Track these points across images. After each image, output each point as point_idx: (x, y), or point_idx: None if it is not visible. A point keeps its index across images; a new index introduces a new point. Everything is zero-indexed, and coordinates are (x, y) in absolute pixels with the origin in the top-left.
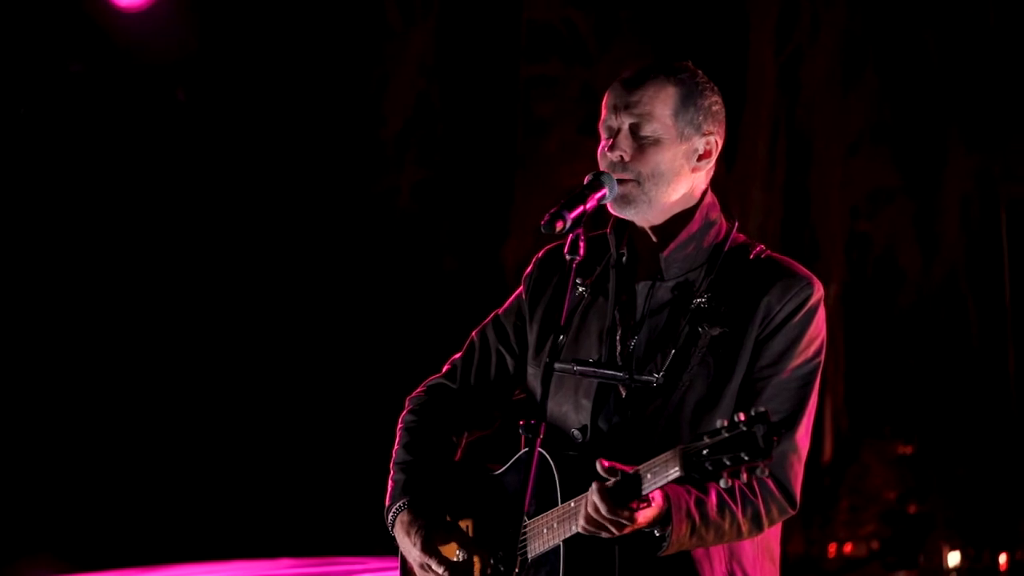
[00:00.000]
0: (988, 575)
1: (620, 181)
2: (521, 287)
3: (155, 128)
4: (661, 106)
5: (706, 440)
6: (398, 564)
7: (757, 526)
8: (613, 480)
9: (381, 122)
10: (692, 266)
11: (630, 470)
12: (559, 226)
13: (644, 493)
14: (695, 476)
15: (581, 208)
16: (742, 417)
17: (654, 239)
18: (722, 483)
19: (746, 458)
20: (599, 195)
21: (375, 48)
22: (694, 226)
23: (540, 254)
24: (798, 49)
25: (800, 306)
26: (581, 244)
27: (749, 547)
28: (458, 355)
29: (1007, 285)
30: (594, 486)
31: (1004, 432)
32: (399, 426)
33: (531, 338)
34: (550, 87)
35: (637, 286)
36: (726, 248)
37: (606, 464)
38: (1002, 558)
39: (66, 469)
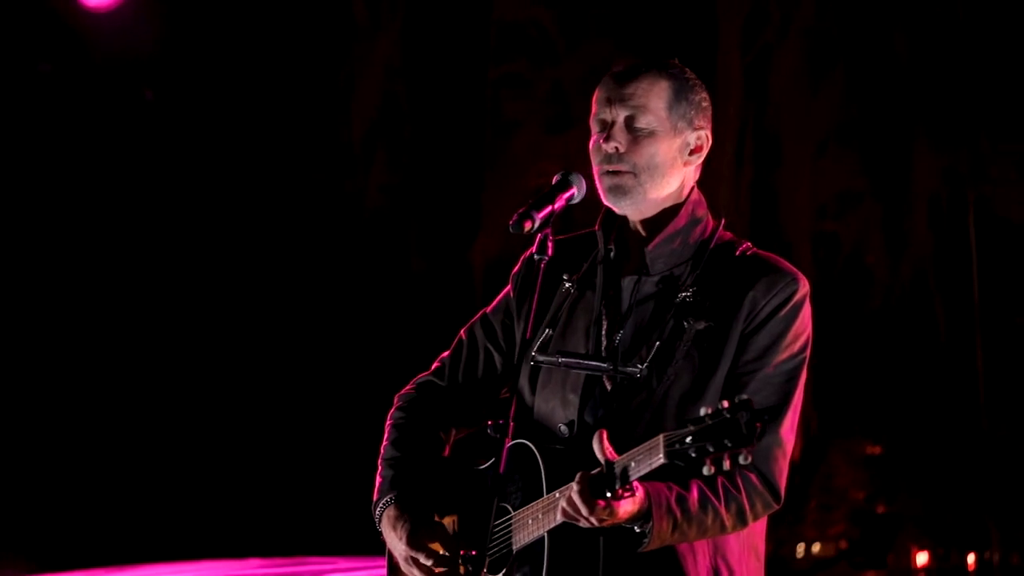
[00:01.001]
0: (956, 575)
1: (616, 172)
2: (509, 285)
3: (123, 128)
4: (655, 99)
5: (690, 428)
6: (364, 563)
7: (741, 521)
8: (596, 470)
9: (348, 123)
10: (678, 261)
11: (615, 458)
12: (527, 226)
13: (629, 481)
14: (679, 464)
15: (549, 208)
16: (725, 405)
17: (642, 233)
18: (705, 470)
19: (729, 445)
20: (567, 195)
21: (342, 49)
22: (680, 221)
23: (527, 253)
24: (766, 49)
25: (786, 301)
26: (549, 244)
27: (734, 542)
28: (446, 353)
29: (975, 284)
30: (578, 475)
31: (972, 432)
32: (388, 423)
33: (519, 335)
34: (518, 87)
35: (623, 281)
36: (712, 245)
37: (606, 444)
38: (970, 558)
39: (36, 469)
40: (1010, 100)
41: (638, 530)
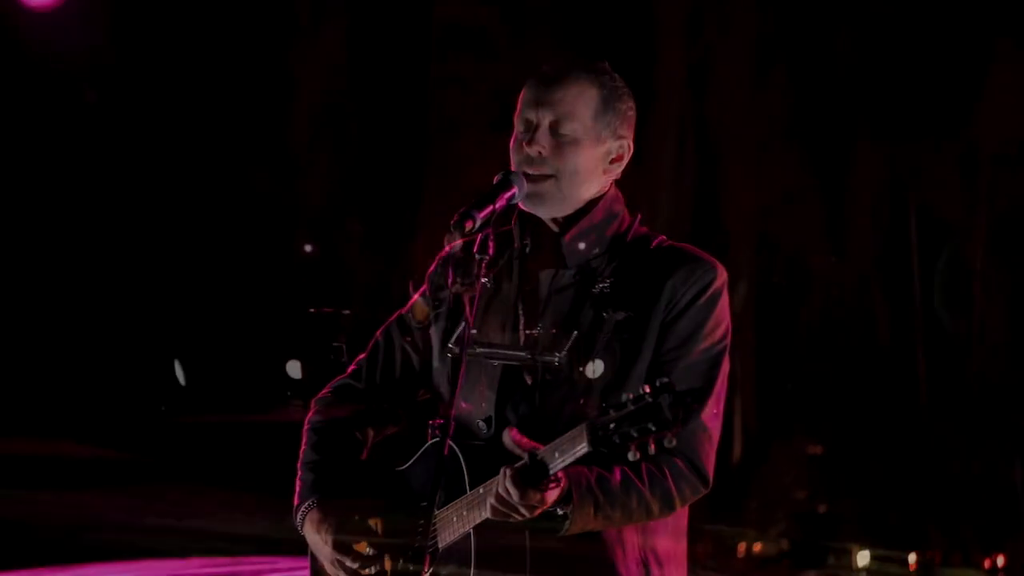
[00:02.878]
0: (897, 574)
1: (537, 177)
2: (425, 285)
3: (65, 129)
4: (582, 107)
5: (612, 413)
6: (308, 563)
7: (668, 505)
8: (521, 463)
9: (291, 122)
10: (593, 254)
11: (539, 448)
12: (468, 226)
13: (553, 472)
14: (603, 451)
15: (491, 207)
16: (647, 389)
17: (556, 229)
18: (629, 456)
19: (653, 428)
20: (509, 194)
21: (284, 47)
22: (596, 216)
23: (443, 251)
24: (707, 48)
25: (705, 288)
26: (490, 243)
27: (662, 532)
28: (363, 355)
29: (917, 286)
30: (504, 470)
31: (913, 432)
32: (305, 427)
33: (436, 334)
34: (461, 86)
35: (541, 274)
36: (628, 238)
37: (515, 434)
38: (911, 558)
39: None
40: (952, 100)
41: (560, 512)
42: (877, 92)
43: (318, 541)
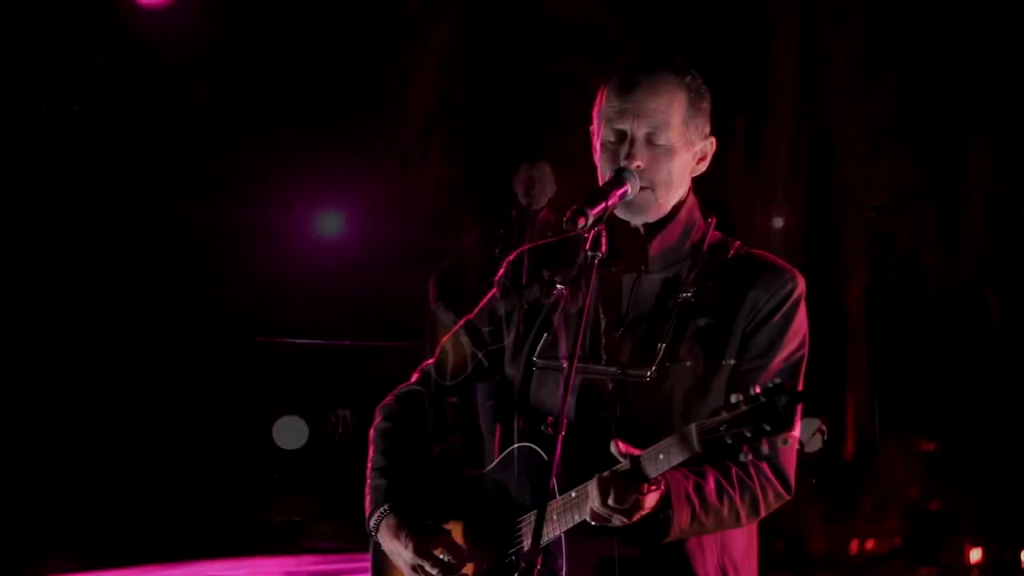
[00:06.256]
0: (1010, 572)
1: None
2: (495, 290)
3: (176, 125)
4: (675, 114)
5: (723, 415)
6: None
7: (755, 512)
8: (622, 465)
9: (404, 120)
10: (675, 260)
11: (638, 453)
12: (581, 223)
13: (658, 474)
14: (711, 453)
15: (603, 204)
16: (758, 390)
17: (641, 233)
18: (741, 457)
19: (768, 429)
20: (621, 191)
21: (396, 44)
22: (680, 222)
23: (511, 257)
24: (821, 47)
25: (785, 299)
26: (603, 240)
27: (740, 540)
28: (430, 361)
29: None
30: (604, 474)
31: None
32: (371, 433)
33: (508, 340)
34: (574, 84)
35: (622, 279)
36: (705, 246)
37: (622, 447)
38: None
39: None
40: None
41: (662, 516)
42: (990, 88)
43: (397, 547)
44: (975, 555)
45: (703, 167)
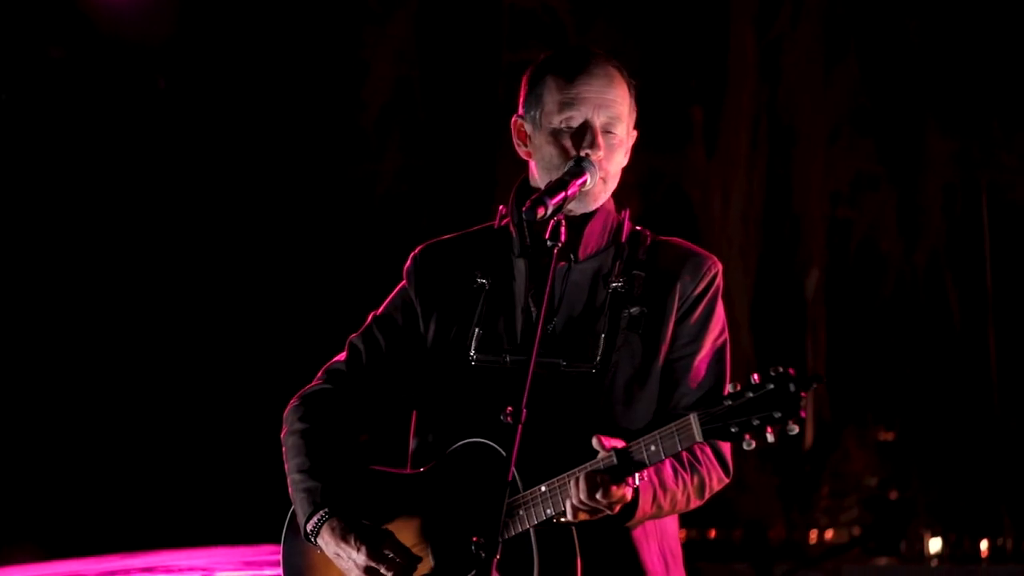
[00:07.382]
0: (969, 561)
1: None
2: (403, 283)
3: (135, 116)
4: (625, 107)
5: (727, 403)
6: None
7: (701, 495)
8: (605, 459)
9: (361, 108)
10: (599, 249)
11: (623, 445)
12: (540, 212)
13: (650, 465)
14: (713, 440)
15: (563, 194)
16: (757, 379)
17: (564, 225)
18: (745, 445)
19: (778, 416)
20: (580, 181)
21: (355, 34)
22: (603, 211)
23: (417, 250)
24: (780, 36)
25: (710, 284)
26: (562, 230)
27: (672, 527)
28: (338, 359)
29: (988, 270)
30: (592, 469)
31: (985, 418)
32: (284, 433)
33: (429, 334)
34: None
35: (551, 270)
36: (624, 236)
37: (605, 441)
38: (983, 544)
39: None
40: (1022, 86)
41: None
42: (948, 77)
43: (347, 550)
44: (934, 544)
45: (627, 160)
